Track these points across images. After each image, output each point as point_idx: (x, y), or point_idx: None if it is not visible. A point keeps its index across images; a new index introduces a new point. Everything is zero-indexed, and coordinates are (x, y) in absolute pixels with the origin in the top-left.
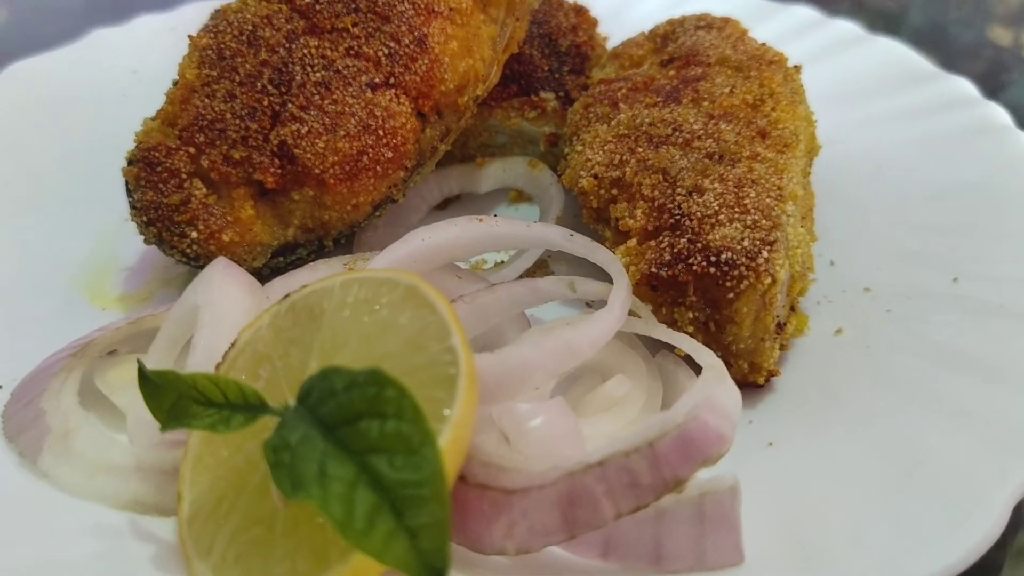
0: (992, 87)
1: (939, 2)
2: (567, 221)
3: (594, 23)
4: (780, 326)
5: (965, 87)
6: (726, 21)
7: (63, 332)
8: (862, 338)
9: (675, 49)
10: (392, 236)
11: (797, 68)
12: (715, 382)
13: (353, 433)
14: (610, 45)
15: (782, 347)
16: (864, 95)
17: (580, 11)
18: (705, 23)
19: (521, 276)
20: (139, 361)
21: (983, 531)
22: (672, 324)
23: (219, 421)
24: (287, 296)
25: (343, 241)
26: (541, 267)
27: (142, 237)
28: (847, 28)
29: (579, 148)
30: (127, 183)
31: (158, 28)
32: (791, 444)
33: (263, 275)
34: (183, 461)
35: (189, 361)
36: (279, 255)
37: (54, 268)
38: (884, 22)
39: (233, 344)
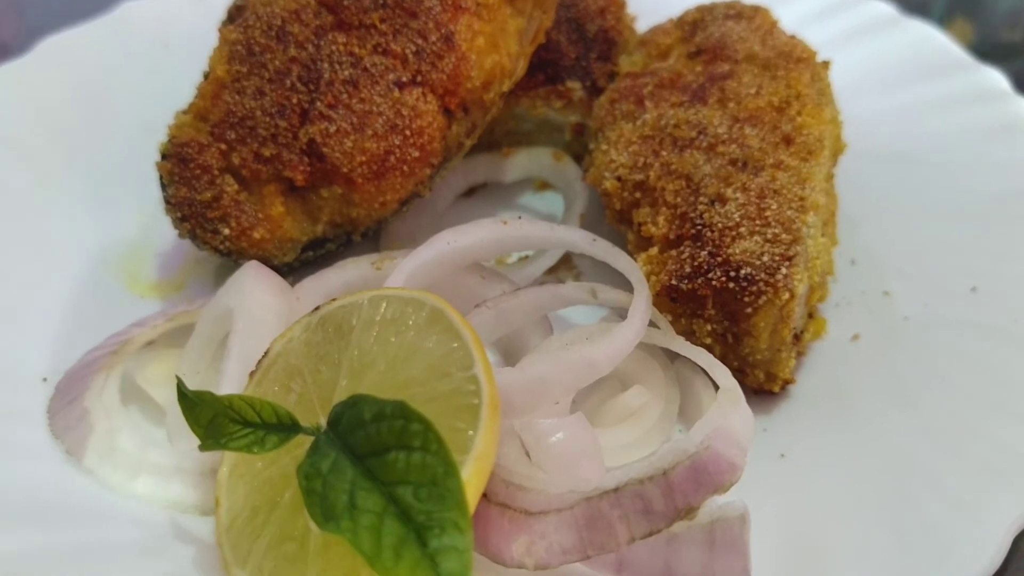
0: None
1: None
2: (591, 217)
3: (622, 5)
4: (797, 337)
5: (997, 80)
6: (756, 10)
7: (102, 320)
8: (878, 346)
9: (703, 40)
10: (419, 226)
11: (826, 64)
12: (730, 408)
13: (381, 464)
14: (638, 24)
15: (799, 353)
16: (893, 83)
17: None
18: (735, 12)
19: (545, 272)
20: (178, 379)
21: (980, 565)
22: (690, 334)
23: (254, 442)
24: (317, 309)
25: (371, 234)
26: (564, 263)
27: (175, 230)
28: (879, 9)
29: (604, 147)
30: (160, 177)
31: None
32: (802, 457)
33: (293, 268)
34: (221, 466)
35: (224, 367)
36: (308, 249)
37: (91, 252)
38: None
39: (266, 353)
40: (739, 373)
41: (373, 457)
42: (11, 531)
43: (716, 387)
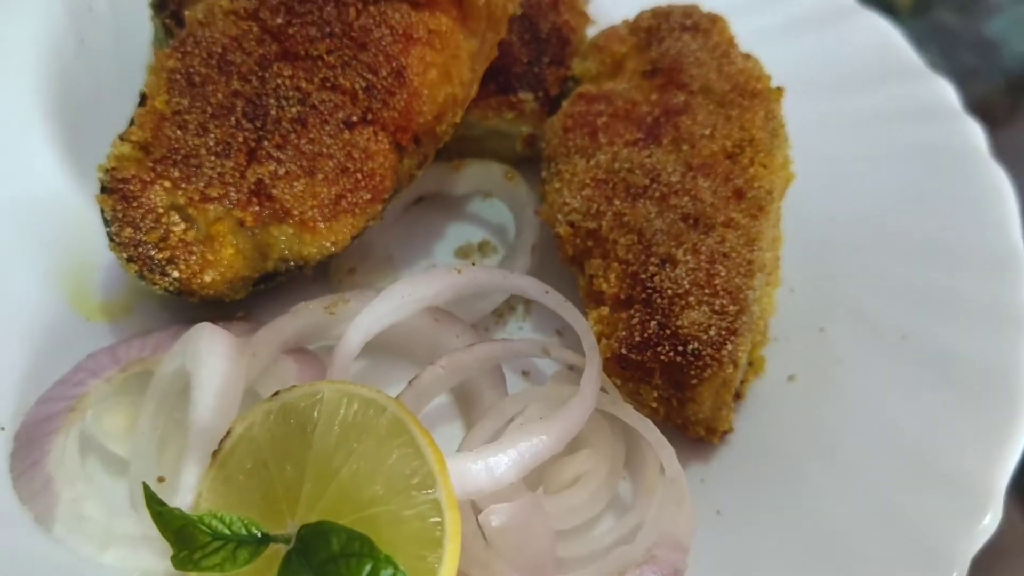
0: (978, 9)
1: None
2: (543, 248)
3: None
4: (738, 394)
5: (948, 95)
6: (713, 22)
7: (53, 349)
8: (812, 393)
9: (659, 57)
10: (366, 243)
11: (779, 92)
12: (674, 507)
13: None
14: (591, 9)
15: (738, 396)
16: (841, 86)
17: None
18: (692, 23)
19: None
20: (145, 486)
21: None
22: (636, 395)
23: (226, 558)
24: (277, 394)
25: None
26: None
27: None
28: None
29: (557, 185)
30: (103, 211)
31: None
32: (738, 512)
33: (242, 300)
34: None
35: (187, 442)
36: (258, 283)
37: (29, 264)
38: None
39: (228, 433)
40: (682, 428)
41: None
42: None
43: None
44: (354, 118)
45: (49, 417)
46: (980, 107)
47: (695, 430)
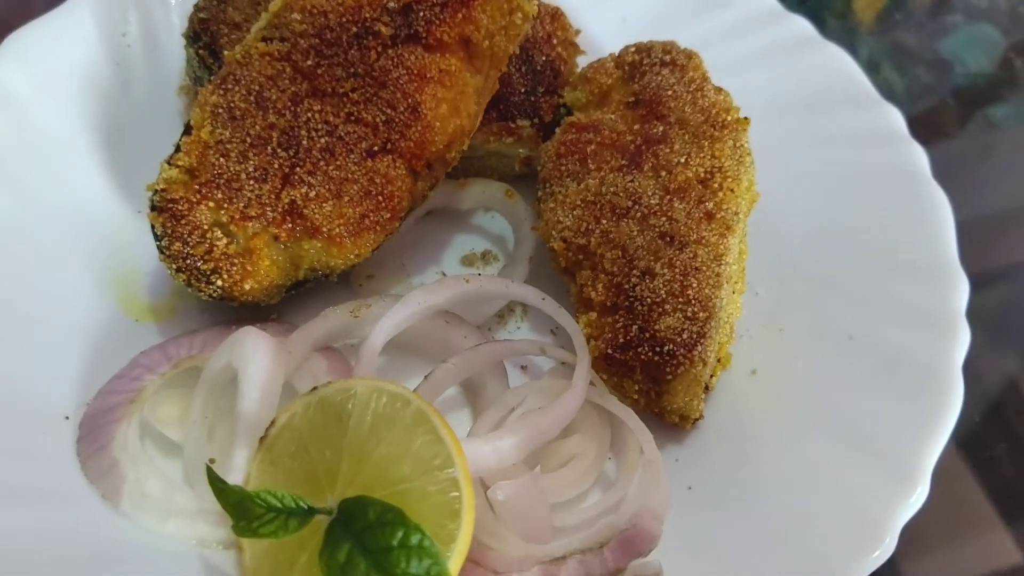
0: (935, 30)
1: None
2: (539, 259)
3: (568, 28)
4: (707, 388)
5: (896, 121)
6: (689, 57)
7: (107, 348)
8: (771, 386)
9: (640, 89)
10: (382, 253)
11: (746, 122)
12: (651, 485)
13: (387, 559)
14: (580, 40)
15: (707, 388)
16: (802, 109)
17: (555, 16)
18: (670, 59)
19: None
20: (208, 467)
21: None
22: (620, 388)
23: (280, 527)
24: (315, 389)
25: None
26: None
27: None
28: (800, 27)
29: (551, 205)
30: (154, 228)
31: None
32: (706, 487)
33: (275, 304)
34: None
35: (236, 429)
36: (290, 290)
37: (82, 272)
38: None
39: (273, 422)
40: (659, 416)
41: (381, 553)
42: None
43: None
44: (375, 148)
45: (111, 408)
46: (933, 120)
47: (670, 418)
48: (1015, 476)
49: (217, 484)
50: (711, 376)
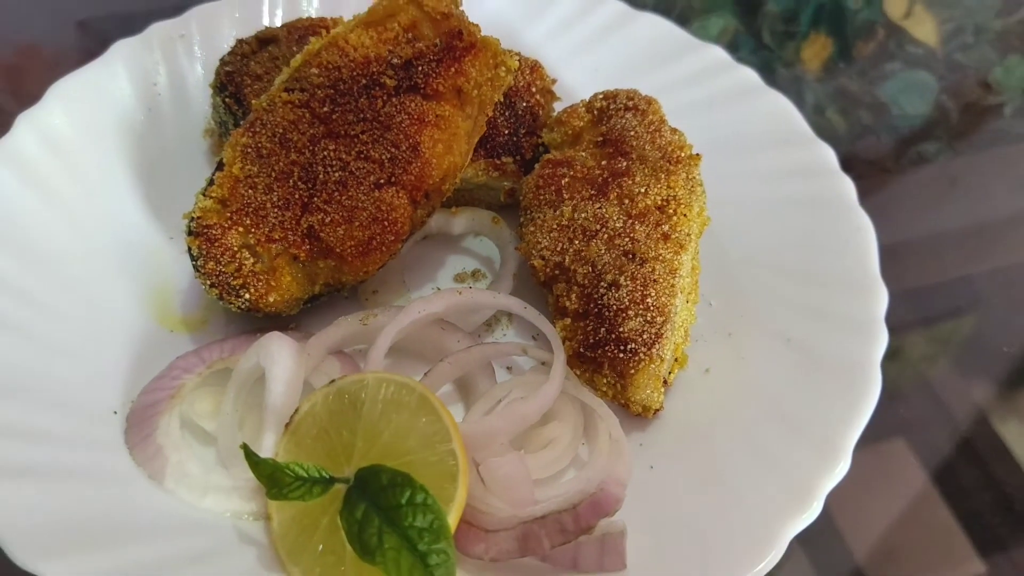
0: (875, 76)
1: None
2: (522, 275)
3: (546, 77)
4: (665, 382)
5: (828, 157)
6: (649, 103)
7: (146, 353)
8: (723, 381)
9: (607, 131)
10: (386, 271)
11: (697, 158)
12: (616, 458)
13: (397, 515)
14: (557, 88)
15: (665, 383)
16: (747, 148)
17: (534, 68)
18: (633, 104)
19: (484, 323)
20: (245, 446)
21: (765, 561)
22: (592, 383)
23: (306, 492)
24: (333, 381)
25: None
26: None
27: (205, 291)
28: (747, 77)
29: (531, 228)
30: (190, 250)
31: (171, 36)
32: (666, 467)
33: (294, 315)
34: None
35: (266, 418)
36: (307, 303)
37: (123, 290)
38: None
39: (297, 410)
40: (624, 406)
41: (391, 511)
42: (116, 547)
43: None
44: (382, 181)
45: (154, 403)
46: (873, 158)
47: (635, 408)
48: (988, 507)
49: (253, 459)
50: (669, 373)
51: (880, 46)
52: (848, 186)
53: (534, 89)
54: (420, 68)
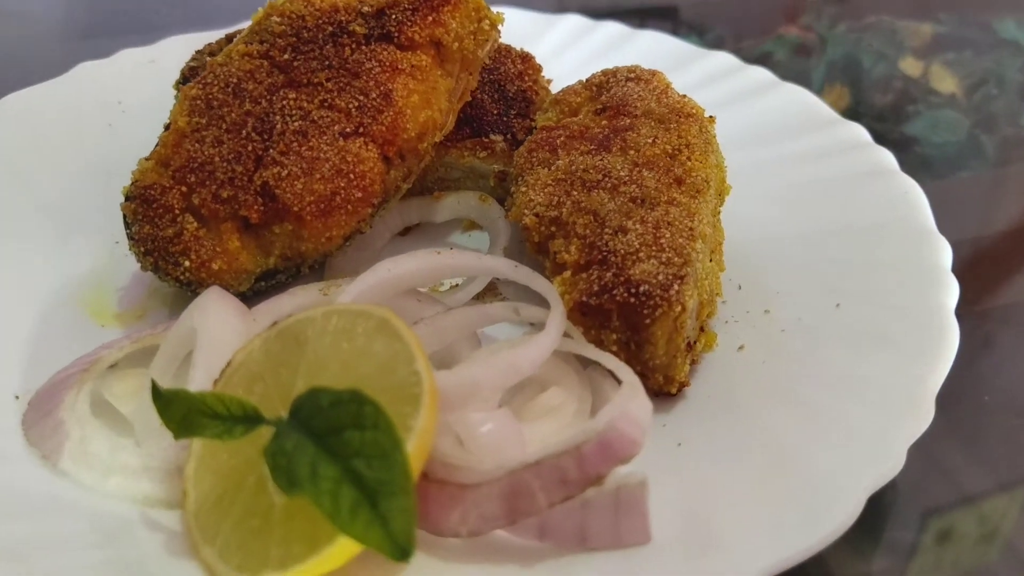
0: (899, 118)
1: (855, 34)
2: (513, 249)
3: (539, 69)
4: (690, 345)
5: (859, 132)
6: (653, 74)
7: (70, 346)
8: (760, 354)
9: (608, 99)
10: (359, 260)
11: (711, 119)
12: (631, 396)
13: (338, 441)
14: (553, 87)
15: (693, 362)
16: (770, 138)
17: (526, 58)
18: (635, 75)
19: (473, 298)
20: (152, 381)
21: (839, 520)
22: (599, 343)
23: (224, 431)
24: (275, 324)
25: (317, 266)
26: (491, 290)
27: (139, 264)
28: (760, 74)
29: (523, 189)
30: (125, 217)
31: (139, 61)
32: (696, 445)
33: (247, 297)
34: (187, 462)
35: (190, 378)
36: (261, 280)
37: (56, 288)
38: (801, 53)
39: (229, 364)
40: (641, 377)
41: (331, 436)
42: None
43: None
44: (348, 130)
45: (64, 379)
46: None
47: (655, 379)
48: None
49: (160, 397)
50: (694, 342)
51: (901, 94)
52: (887, 156)
53: (526, 77)
54: (394, 16)
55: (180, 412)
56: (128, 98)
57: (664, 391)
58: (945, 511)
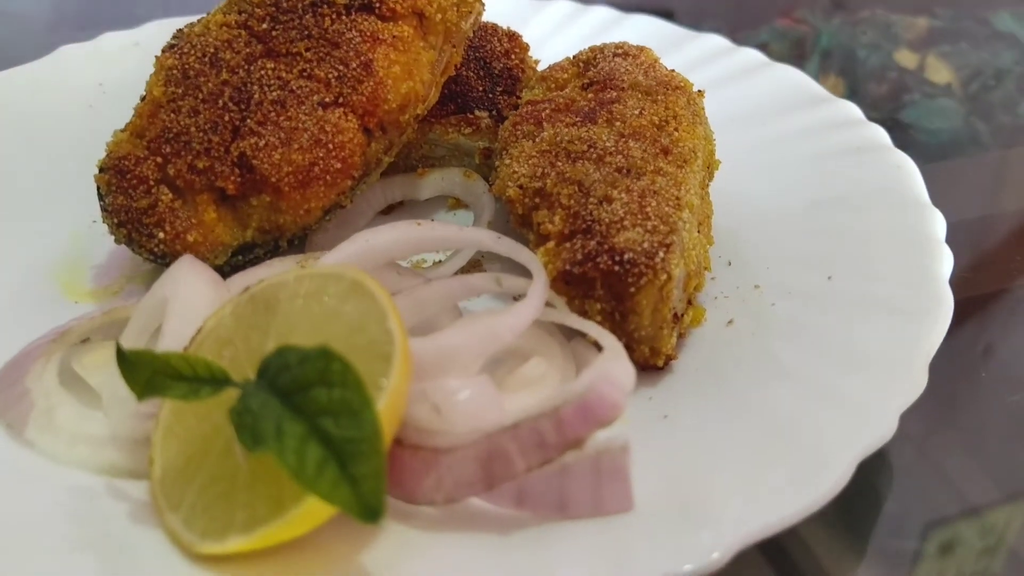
0: (894, 107)
1: (849, 27)
2: (497, 225)
3: (525, 48)
4: (677, 316)
5: (852, 110)
6: (641, 50)
7: (42, 322)
8: (750, 328)
9: (595, 74)
10: (341, 238)
11: (700, 93)
12: (612, 359)
13: (305, 399)
14: (541, 67)
15: (680, 335)
16: (762, 117)
17: (513, 37)
18: (622, 51)
19: (456, 273)
20: (117, 342)
21: (827, 486)
22: (583, 314)
23: (189, 392)
24: (247, 289)
25: (296, 242)
26: (475, 265)
27: (112, 237)
28: (752, 55)
29: (507, 161)
30: (99, 188)
31: (123, 44)
32: (682, 417)
33: (223, 272)
34: (154, 431)
35: (159, 345)
36: (238, 254)
37: (31, 267)
38: (796, 45)
39: (199, 330)
40: (627, 349)
41: (298, 394)
42: None
43: None
44: (327, 100)
45: (32, 349)
46: None
47: (640, 351)
48: None
49: (124, 358)
50: (681, 314)
51: (896, 84)
52: (880, 132)
53: (512, 56)
54: None
55: (145, 373)
56: (110, 81)
57: (651, 364)
58: (948, 522)
